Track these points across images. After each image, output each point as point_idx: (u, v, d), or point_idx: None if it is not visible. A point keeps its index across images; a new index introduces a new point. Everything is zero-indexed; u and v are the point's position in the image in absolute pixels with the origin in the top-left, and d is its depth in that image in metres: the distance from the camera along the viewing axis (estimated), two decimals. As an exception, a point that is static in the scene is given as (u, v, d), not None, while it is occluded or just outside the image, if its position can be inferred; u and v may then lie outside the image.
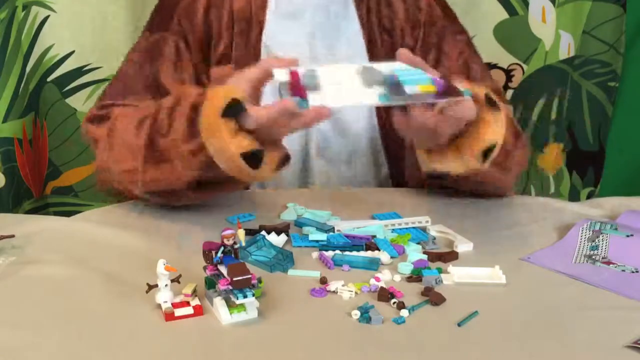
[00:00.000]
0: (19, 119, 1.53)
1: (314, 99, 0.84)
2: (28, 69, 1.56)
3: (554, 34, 1.66)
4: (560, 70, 1.68)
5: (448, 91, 0.86)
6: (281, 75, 0.87)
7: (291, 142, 1.17)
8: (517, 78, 1.71)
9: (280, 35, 1.18)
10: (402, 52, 0.92)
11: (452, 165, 0.95)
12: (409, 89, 0.85)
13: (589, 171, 1.75)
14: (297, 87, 0.84)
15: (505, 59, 1.70)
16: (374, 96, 0.86)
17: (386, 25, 1.22)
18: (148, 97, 1.12)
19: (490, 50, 1.68)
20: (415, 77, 0.87)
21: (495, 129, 0.93)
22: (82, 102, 1.63)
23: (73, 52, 1.60)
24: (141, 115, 1.00)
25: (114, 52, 1.59)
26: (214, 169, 0.92)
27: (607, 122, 1.71)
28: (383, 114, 1.20)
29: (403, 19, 1.22)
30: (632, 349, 0.71)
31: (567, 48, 1.67)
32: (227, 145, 0.87)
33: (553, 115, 1.71)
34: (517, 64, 1.70)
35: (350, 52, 1.20)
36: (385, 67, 0.89)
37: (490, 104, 0.93)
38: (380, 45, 1.21)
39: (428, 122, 0.89)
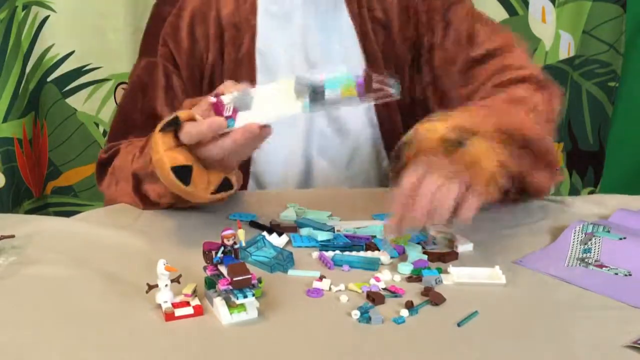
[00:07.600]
0: (19, 119, 1.54)
1: (241, 118, 0.87)
2: (28, 69, 1.56)
3: (554, 34, 1.66)
4: (560, 70, 1.68)
5: (371, 91, 0.86)
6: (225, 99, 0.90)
7: (292, 144, 1.18)
8: (517, 78, 1.71)
9: (274, 39, 1.16)
10: None
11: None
12: (329, 95, 0.85)
13: (589, 171, 1.75)
14: (220, 109, 0.88)
15: (505, 59, 1.70)
16: (298, 107, 0.87)
17: (380, 17, 1.19)
18: (149, 130, 1.11)
19: (490, 50, 1.68)
20: (340, 81, 0.86)
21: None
22: (82, 102, 1.63)
23: (73, 52, 1.60)
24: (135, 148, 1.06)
25: (114, 52, 1.59)
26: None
27: (607, 122, 1.71)
28: (382, 110, 1.19)
29: (398, 10, 1.18)
30: (632, 349, 0.71)
31: (567, 48, 1.67)
32: (161, 157, 0.89)
33: (553, 115, 1.70)
34: (517, 64, 1.70)
35: (344, 47, 1.18)
36: (317, 75, 0.88)
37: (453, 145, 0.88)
38: (373, 38, 1.18)
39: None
